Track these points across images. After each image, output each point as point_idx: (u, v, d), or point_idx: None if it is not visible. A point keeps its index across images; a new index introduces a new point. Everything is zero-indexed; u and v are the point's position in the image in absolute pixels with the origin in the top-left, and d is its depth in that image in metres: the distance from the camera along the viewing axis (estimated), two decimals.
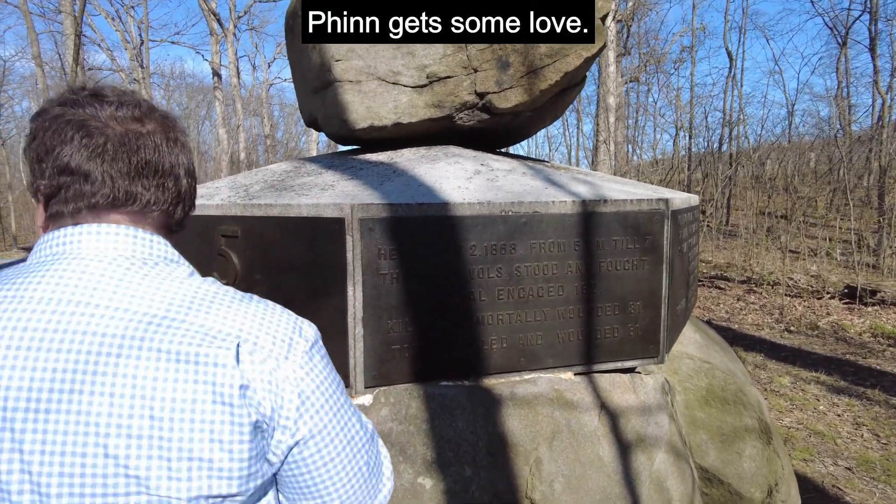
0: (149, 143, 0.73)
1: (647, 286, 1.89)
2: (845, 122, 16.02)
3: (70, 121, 0.70)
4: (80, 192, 0.70)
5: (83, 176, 0.70)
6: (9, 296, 0.65)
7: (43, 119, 0.72)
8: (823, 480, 3.21)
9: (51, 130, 0.70)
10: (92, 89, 0.75)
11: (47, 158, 0.71)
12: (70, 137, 0.70)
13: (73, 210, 0.70)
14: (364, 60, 2.38)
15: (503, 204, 1.73)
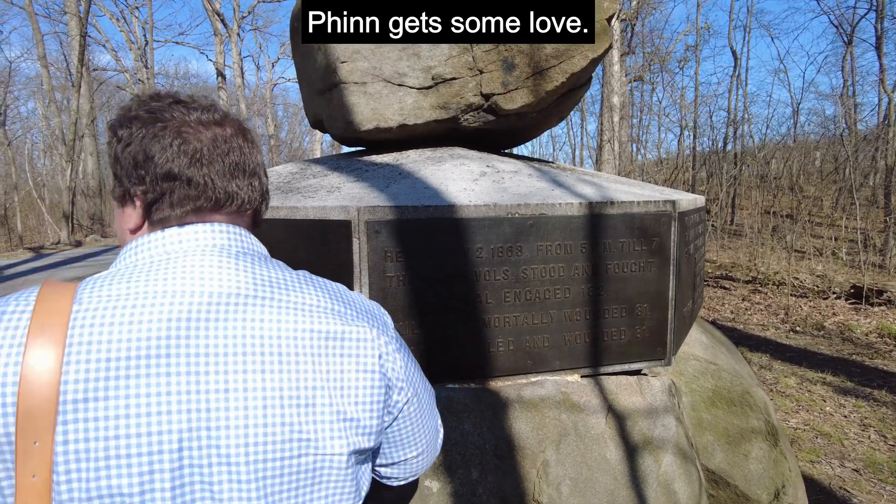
0: (234, 145, 0.79)
1: (654, 288, 1.88)
2: (851, 121, 15.94)
3: (166, 127, 0.75)
4: (186, 195, 0.75)
5: (186, 181, 0.75)
6: (150, 292, 0.69)
7: (137, 126, 0.76)
8: (831, 482, 3.19)
9: (148, 137, 0.75)
10: (172, 95, 0.79)
11: (147, 165, 0.75)
12: (169, 143, 0.74)
13: (181, 213, 0.76)
14: (369, 62, 2.38)
15: (509, 206, 1.72)
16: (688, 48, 19.66)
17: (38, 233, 20.37)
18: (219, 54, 24.56)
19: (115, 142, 0.78)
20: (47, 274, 10.72)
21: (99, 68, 26.09)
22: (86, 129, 18.99)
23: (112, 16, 23.78)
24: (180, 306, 0.68)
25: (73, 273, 10.77)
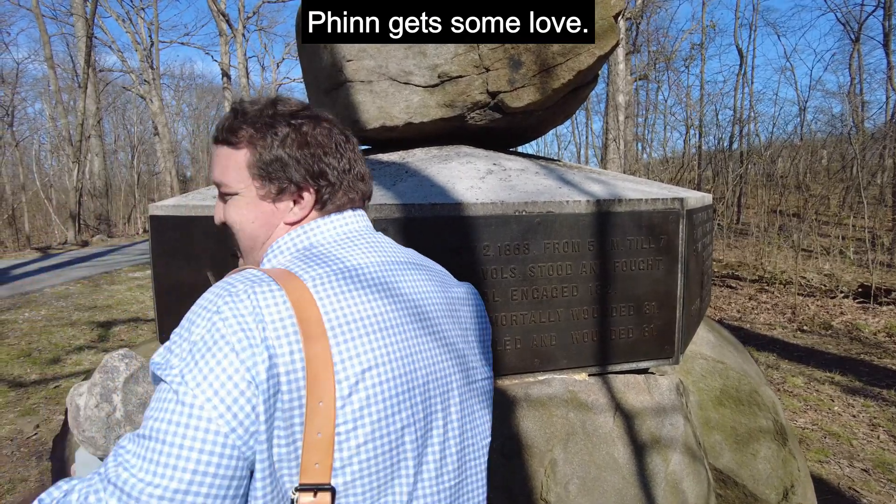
0: (355, 147, 0.95)
1: (662, 286, 1.87)
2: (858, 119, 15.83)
3: (329, 130, 0.90)
4: (355, 187, 0.92)
5: (358, 175, 0.92)
6: (359, 265, 0.84)
7: (311, 127, 0.89)
8: (839, 482, 3.17)
9: (322, 136, 0.89)
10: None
11: (326, 160, 0.90)
12: (337, 143, 0.90)
13: (349, 200, 0.92)
14: (375, 60, 2.38)
15: (516, 204, 1.72)
16: (693, 46, 19.58)
17: (46, 233, 20.49)
18: (224, 55, 24.63)
19: (286, 143, 0.88)
20: (56, 273, 10.78)
21: (105, 69, 26.23)
22: (92, 130, 19.08)
23: (118, 17, 23.88)
24: (384, 274, 0.85)
25: (81, 273, 10.83)
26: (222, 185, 0.91)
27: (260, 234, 0.90)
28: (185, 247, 2.13)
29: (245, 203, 0.90)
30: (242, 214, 0.90)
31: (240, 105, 0.92)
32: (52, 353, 5.75)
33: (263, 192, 0.89)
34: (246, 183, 0.89)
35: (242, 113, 0.91)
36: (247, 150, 0.89)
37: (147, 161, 34.35)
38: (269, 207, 0.90)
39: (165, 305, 2.27)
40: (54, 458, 2.36)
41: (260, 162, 0.88)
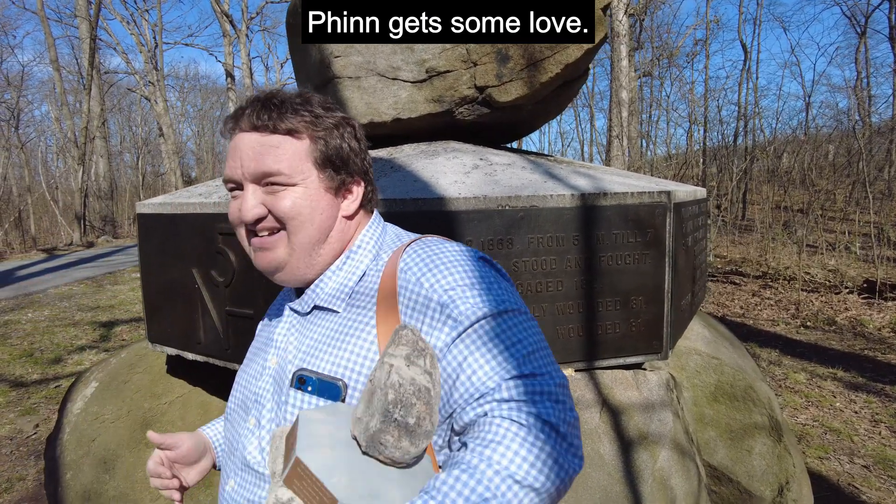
0: None
1: (649, 281, 1.85)
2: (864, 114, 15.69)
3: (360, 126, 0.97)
4: (376, 188, 1.01)
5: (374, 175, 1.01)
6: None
7: (356, 123, 0.94)
8: (839, 479, 3.13)
9: (361, 132, 0.95)
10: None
11: (366, 158, 0.95)
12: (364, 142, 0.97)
13: (377, 202, 1.02)
14: (363, 56, 2.37)
15: (500, 198, 1.70)
16: (697, 42, 19.46)
17: (52, 234, 20.63)
18: (228, 55, 24.70)
19: (345, 135, 0.90)
20: (60, 274, 10.84)
21: (110, 71, 26.38)
22: (97, 132, 19.19)
23: (122, 19, 24.00)
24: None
25: (84, 273, 10.89)
26: (275, 174, 0.85)
27: (328, 226, 0.89)
28: (173, 245, 2.13)
29: (308, 194, 0.86)
30: (310, 206, 0.86)
31: (269, 94, 0.88)
32: (53, 353, 5.79)
33: (327, 183, 0.88)
34: (307, 174, 0.86)
35: (282, 102, 0.87)
36: (308, 140, 0.87)
37: (152, 162, 34.55)
38: (332, 199, 0.89)
39: (153, 301, 2.27)
40: (47, 458, 2.37)
41: (328, 151, 0.87)
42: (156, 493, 2.06)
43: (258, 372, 0.95)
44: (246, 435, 0.90)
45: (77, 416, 2.38)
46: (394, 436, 0.67)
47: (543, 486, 0.65)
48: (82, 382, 2.59)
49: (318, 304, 0.90)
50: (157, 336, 2.26)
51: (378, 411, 0.67)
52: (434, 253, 0.84)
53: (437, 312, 0.79)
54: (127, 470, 2.14)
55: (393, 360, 0.70)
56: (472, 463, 0.65)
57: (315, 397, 0.82)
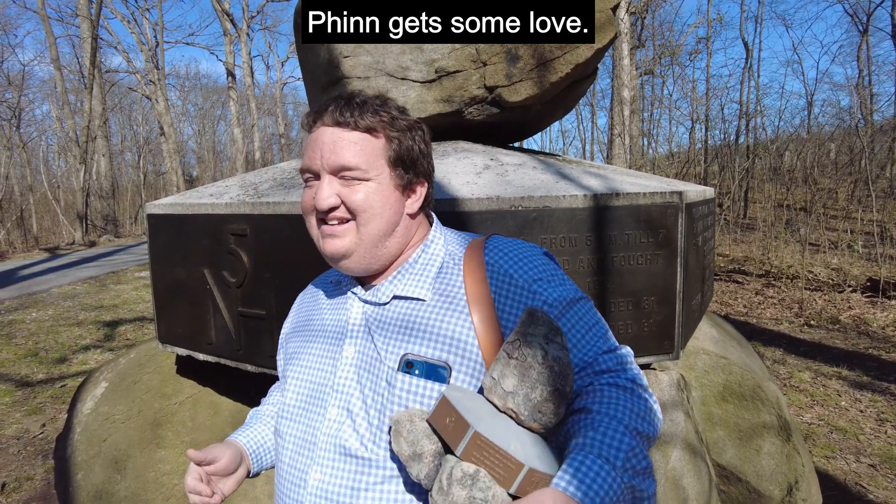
0: None
1: (661, 281, 1.85)
2: (867, 112, 15.67)
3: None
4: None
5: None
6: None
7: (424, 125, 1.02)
8: (846, 478, 3.14)
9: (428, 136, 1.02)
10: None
11: (431, 158, 1.02)
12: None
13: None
14: (372, 56, 2.37)
15: (513, 199, 1.70)
16: (699, 40, 19.43)
17: (54, 233, 20.65)
18: (228, 54, 24.69)
19: (416, 137, 0.97)
20: (63, 273, 10.85)
21: (111, 70, 26.36)
22: (98, 131, 19.19)
23: (123, 18, 23.99)
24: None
25: (87, 273, 10.90)
26: (352, 168, 0.92)
27: (394, 221, 0.95)
28: (183, 245, 2.13)
29: (380, 190, 0.93)
30: (379, 200, 0.93)
31: (351, 94, 0.96)
32: (58, 352, 5.80)
33: (397, 181, 0.95)
34: (381, 170, 0.94)
35: (363, 102, 0.95)
36: (385, 139, 0.94)
37: (153, 161, 34.55)
38: (399, 197, 0.96)
39: (163, 301, 2.27)
40: (56, 457, 2.38)
41: (401, 151, 0.95)
42: (168, 493, 2.07)
43: (329, 364, 0.98)
44: (331, 425, 0.92)
45: (87, 415, 2.39)
46: (555, 403, 0.77)
47: (652, 433, 0.82)
48: (91, 382, 2.60)
49: (398, 294, 0.96)
50: (167, 336, 2.26)
51: (540, 383, 0.76)
52: (513, 249, 0.96)
53: (530, 299, 0.90)
54: (138, 470, 2.14)
55: (538, 339, 0.78)
56: (603, 423, 0.78)
57: (423, 380, 0.88)
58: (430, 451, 0.77)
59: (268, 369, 1.94)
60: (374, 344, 0.94)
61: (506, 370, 0.78)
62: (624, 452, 0.74)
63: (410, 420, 0.80)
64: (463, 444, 0.71)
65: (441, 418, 0.76)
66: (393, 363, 0.90)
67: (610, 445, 0.74)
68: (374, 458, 0.88)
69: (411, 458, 0.77)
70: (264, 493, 2.00)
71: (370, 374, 0.92)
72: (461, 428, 0.72)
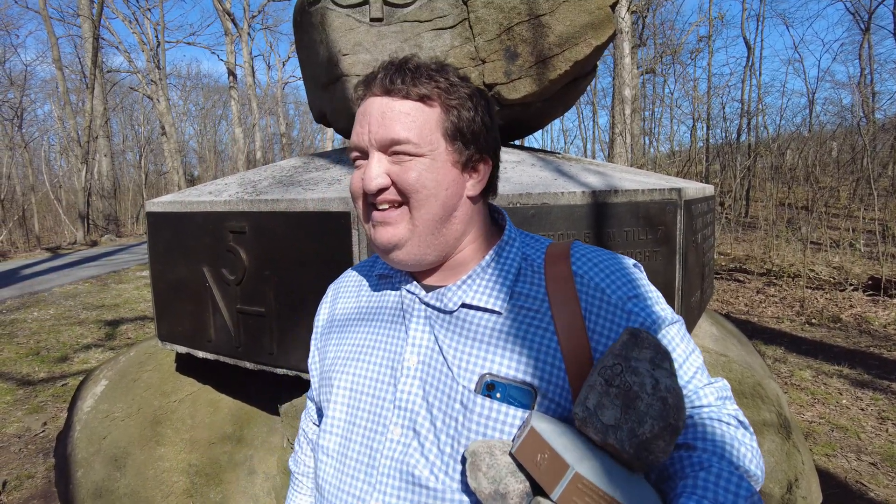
0: None
1: (659, 277, 1.85)
2: (868, 110, 15.64)
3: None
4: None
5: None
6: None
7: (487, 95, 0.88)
8: (846, 476, 3.13)
9: (493, 108, 0.89)
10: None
11: (496, 133, 0.89)
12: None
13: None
14: (371, 54, 2.37)
15: (511, 196, 1.70)
16: (700, 39, 19.41)
17: (55, 233, 20.69)
18: (230, 54, 24.72)
19: (478, 107, 0.83)
20: (65, 273, 10.88)
21: (112, 70, 26.39)
22: (100, 131, 19.22)
23: (124, 18, 24.03)
24: None
25: (89, 272, 10.92)
26: (403, 142, 0.79)
27: (452, 204, 0.82)
28: (183, 243, 2.14)
29: (434, 167, 0.80)
30: (433, 178, 0.80)
31: (403, 59, 0.83)
32: (60, 351, 5.81)
33: (455, 157, 0.82)
34: (436, 145, 0.80)
35: (416, 68, 0.81)
36: (441, 108, 0.81)
37: (155, 161, 34.61)
38: (458, 176, 0.83)
39: (163, 299, 2.28)
40: (57, 455, 2.38)
41: (460, 123, 0.81)
42: (167, 490, 2.07)
43: (387, 374, 0.85)
44: (394, 447, 0.81)
45: (87, 413, 2.39)
46: (666, 440, 0.66)
47: (761, 477, 0.75)
48: (92, 381, 2.60)
49: (468, 303, 0.84)
50: (166, 334, 2.27)
51: (650, 416, 0.66)
52: (604, 260, 0.85)
53: (625, 320, 0.79)
54: (138, 467, 2.15)
55: (644, 366, 0.69)
56: (715, 463, 0.69)
57: (504, 405, 0.77)
58: (516, 492, 0.67)
59: (266, 367, 1.94)
60: (444, 357, 0.82)
61: (604, 400, 0.68)
62: (743, 499, 0.65)
63: (490, 453, 0.70)
64: (560, 487, 0.62)
65: (530, 454, 0.66)
66: (468, 383, 0.79)
67: (727, 490, 0.65)
68: (444, 489, 0.77)
69: (492, 498, 0.67)
70: (263, 490, 2.00)
71: (440, 391, 0.80)
72: (558, 468, 0.63)
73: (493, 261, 0.86)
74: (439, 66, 0.83)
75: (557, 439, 0.66)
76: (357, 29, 2.35)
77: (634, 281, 0.84)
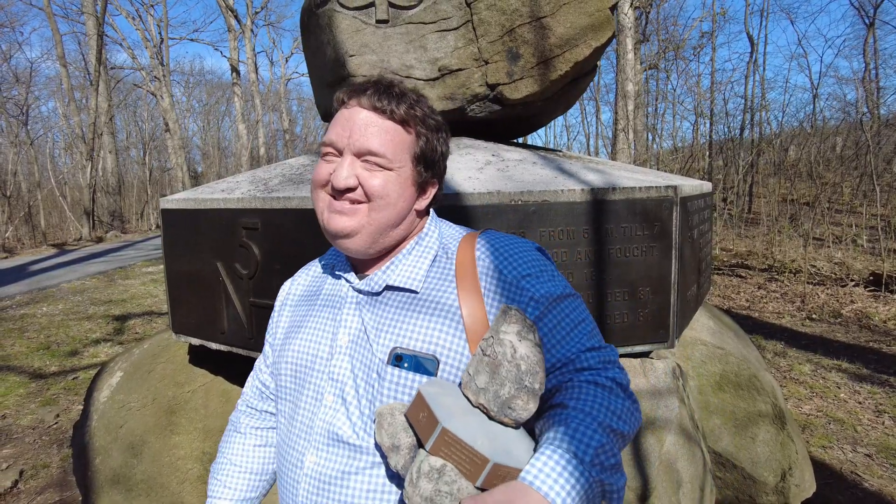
0: None
1: (656, 272, 1.92)
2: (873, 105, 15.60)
3: None
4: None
5: None
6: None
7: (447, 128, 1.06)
8: (842, 467, 3.20)
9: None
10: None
11: (445, 162, 1.06)
12: None
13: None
14: (377, 55, 2.43)
15: (513, 193, 1.77)
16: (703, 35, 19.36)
17: (61, 229, 20.83)
18: (233, 50, 24.76)
19: (440, 138, 1.00)
20: (72, 269, 10.99)
21: (116, 66, 26.47)
22: (104, 127, 19.32)
23: (128, 14, 24.08)
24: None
25: (96, 268, 11.03)
26: (379, 155, 0.93)
27: (403, 215, 0.97)
28: (196, 239, 2.21)
29: (398, 181, 0.95)
30: (396, 191, 0.94)
31: (390, 82, 0.97)
32: (69, 345, 5.91)
33: (415, 177, 0.97)
34: (404, 163, 0.95)
35: (402, 94, 0.96)
36: (415, 135, 0.96)
37: (158, 157, 34.71)
38: (413, 192, 0.98)
39: (177, 293, 2.35)
40: (75, 444, 2.47)
41: (426, 150, 0.97)
42: (182, 476, 2.16)
43: (325, 351, 0.99)
44: (327, 412, 0.95)
45: (104, 403, 2.48)
46: (523, 399, 0.79)
47: (627, 432, 0.82)
48: (107, 372, 2.69)
49: (391, 285, 0.97)
50: (180, 327, 2.35)
51: (509, 380, 0.79)
52: (504, 244, 0.97)
53: (518, 295, 0.91)
54: (154, 454, 2.23)
55: (509, 337, 0.80)
56: (577, 418, 0.79)
57: (411, 373, 0.90)
58: (406, 445, 0.80)
59: None
60: (367, 335, 0.95)
61: (479, 367, 0.81)
62: (593, 448, 0.75)
63: (391, 413, 0.83)
64: (432, 439, 0.74)
65: (415, 413, 0.78)
66: (383, 355, 0.92)
67: (580, 441, 0.76)
68: (364, 445, 0.90)
69: (390, 450, 0.80)
70: None
71: (363, 364, 0.94)
72: (431, 424, 0.75)
73: (412, 249, 1.00)
74: (418, 96, 0.98)
75: (438, 400, 0.78)
76: (363, 30, 2.42)
77: (531, 262, 0.96)
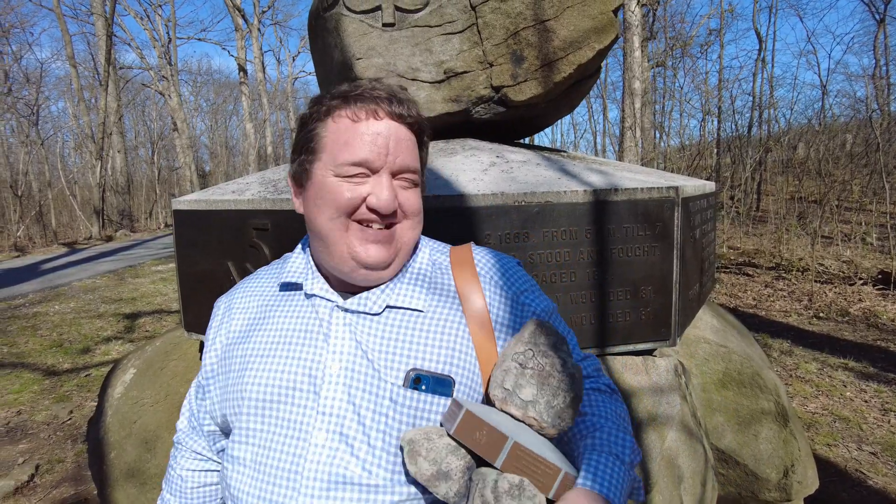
0: None
1: (658, 272, 1.95)
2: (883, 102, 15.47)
3: None
4: None
5: None
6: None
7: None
8: (846, 465, 3.21)
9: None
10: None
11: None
12: None
13: None
14: (384, 58, 2.47)
15: (516, 194, 1.81)
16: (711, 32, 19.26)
17: (71, 228, 21.04)
18: (240, 49, 24.89)
19: (429, 144, 0.97)
20: (83, 268, 11.13)
21: (125, 66, 26.69)
22: (114, 127, 19.50)
23: (136, 15, 24.29)
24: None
25: (106, 267, 11.16)
26: (412, 171, 0.87)
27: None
28: (207, 239, 2.26)
29: (420, 194, 0.92)
30: (421, 205, 0.92)
31: (392, 89, 0.89)
32: (82, 343, 6.01)
33: (423, 186, 0.96)
34: (420, 174, 0.92)
35: (409, 99, 0.89)
36: (425, 149, 0.94)
37: (167, 156, 35.00)
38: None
39: (189, 294, 2.41)
40: (90, 439, 2.53)
41: (424, 157, 0.94)
42: None
43: (303, 382, 0.86)
44: (321, 453, 0.82)
45: (118, 400, 2.54)
46: (574, 409, 0.82)
47: (632, 431, 0.92)
48: (120, 369, 2.75)
49: (392, 304, 0.89)
50: (192, 325, 2.40)
51: (563, 390, 0.81)
52: (499, 261, 0.99)
53: (520, 310, 0.94)
54: (167, 449, 2.29)
55: (549, 349, 0.82)
56: (604, 426, 0.87)
57: (429, 395, 0.84)
58: (458, 468, 0.74)
59: None
60: (368, 359, 0.85)
61: (521, 380, 0.79)
62: (629, 450, 0.82)
63: (428, 438, 0.77)
64: (502, 456, 0.72)
65: (469, 432, 0.74)
66: (396, 379, 0.84)
67: (615, 444, 0.82)
68: (381, 483, 0.80)
69: (436, 478, 0.74)
70: None
71: (366, 392, 0.84)
72: (497, 440, 0.72)
73: (409, 266, 0.95)
74: (415, 101, 0.93)
75: (490, 417, 0.76)
76: (370, 34, 2.46)
77: (522, 277, 0.99)
